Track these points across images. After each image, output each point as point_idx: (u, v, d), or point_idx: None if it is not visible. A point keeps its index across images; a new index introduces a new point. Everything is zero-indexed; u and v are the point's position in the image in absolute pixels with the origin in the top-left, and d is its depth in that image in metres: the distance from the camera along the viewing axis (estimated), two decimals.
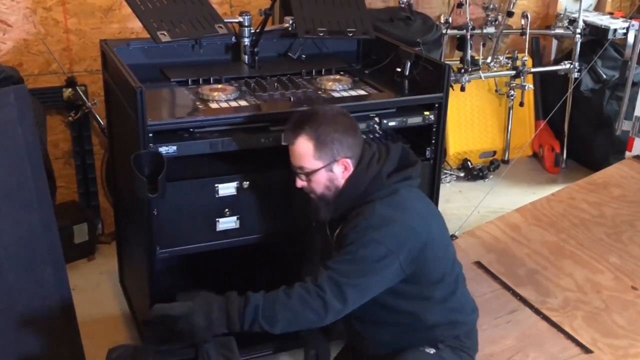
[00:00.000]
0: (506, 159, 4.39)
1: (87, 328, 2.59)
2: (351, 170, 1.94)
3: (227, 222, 2.26)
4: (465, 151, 4.32)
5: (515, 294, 2.81)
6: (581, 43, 4.13)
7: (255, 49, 2.64)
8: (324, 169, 1.93)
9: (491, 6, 3.96)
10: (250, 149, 2.24)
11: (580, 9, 4.10)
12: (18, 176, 2.01)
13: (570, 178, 4.10)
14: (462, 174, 4.24)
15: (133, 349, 1.96)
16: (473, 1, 3.99)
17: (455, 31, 3.96)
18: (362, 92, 2.49)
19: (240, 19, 2.65)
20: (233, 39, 2.68)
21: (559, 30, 4.27)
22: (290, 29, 2.73)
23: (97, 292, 3.04)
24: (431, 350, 2.01)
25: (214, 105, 2.31)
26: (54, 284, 2.12)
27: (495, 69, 4.02)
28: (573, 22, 4.17)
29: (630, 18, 4.23)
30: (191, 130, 2.19)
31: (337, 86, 2.50)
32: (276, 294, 1.84)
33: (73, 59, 3.24)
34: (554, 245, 3.11)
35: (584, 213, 3.31)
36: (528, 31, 4.02)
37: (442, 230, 2.07)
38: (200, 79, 2.51)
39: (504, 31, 4.03)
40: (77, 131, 3.31)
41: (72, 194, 3.41)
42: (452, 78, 3.66)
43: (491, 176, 4.25)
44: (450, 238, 2.76)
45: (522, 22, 4.03)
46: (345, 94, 2.47)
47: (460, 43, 4.08)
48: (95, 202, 3.43)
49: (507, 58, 4.03)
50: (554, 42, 4.49)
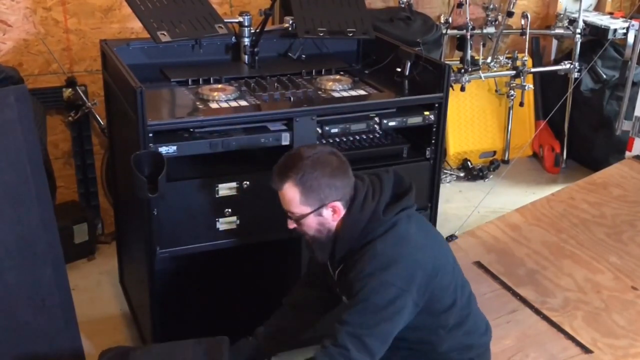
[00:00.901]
0: (506, 159, 4.39)
1: (87, 328, 2.60)
2: (342, 212, 1.87)
3: (227, 222, 2.26)
4: (465, 151, 4.32)
5: (515, 294, 2.81)
6: (581, 43, 4.13)
7: (255, 49, 2.64)
8: (313, 214, 1.86)
9: (491, 6, 3.96)
10: (250, 149, 2.24)
11: (580, 9, 4.10)
12: (18, 176, 2.01)
13: (570, 178, 4.10)
14: (462, 174, 4.24)
15: (122, 353, 1.96)
16: (473, 1, 3.98)
17: (455, 31, 3.96)
18: (362, 92, 2.49)
19: (240, 19, 2.65)
20: (233, 39, 2.68)
21: (559, 30, 4.27)
22: (290, 29, 2.72)
23: (97, 292, 3.04)
24: None
25: (214, 105, 2.31)
26: (54, 284, 2.12)
27: (495, 69, 4.02)
28: (573, 22, 4.17)
29: (630, 18, 4.23)
30: (191, 130, 2.19)
31: (337, 86, 2.50)
32: None
33: (73, 59, 3.24)
34: (554, 245, 3.11)
35: (584, 213, 3.31)
36: (528, 31, 4.02)
37: (446, 254, 2.00)
38: (200, 79, 2.51)
39: (504, 31, 4.03)
40: (77, 131, 3.31)
41: (72, 194, 3.41)
42: (452, 78, 3.66)
43: (491, 176, 4.25)
44: (452, 238, 2.77)
45: (522, 22, 4.03)
46: (345, 94, 2.47)
47: (460, 43, 4.08)
48: (95, 202, 3.43)
49: (507, 58, 4.03)
50: (554, 42, 4.49)
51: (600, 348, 2.51)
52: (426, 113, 2.43)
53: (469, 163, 4.26)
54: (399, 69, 2.57)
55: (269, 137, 2.22)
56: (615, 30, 4.10)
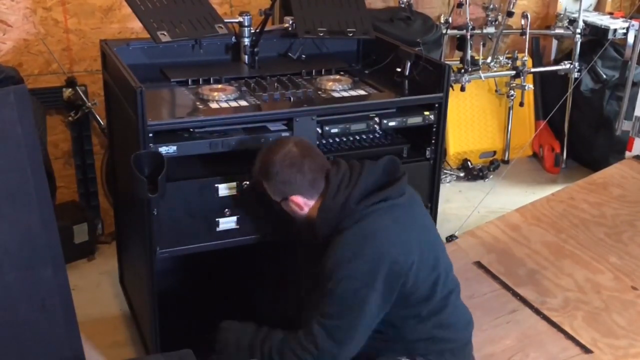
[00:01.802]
0: (506, 159, 4.39)
1: (87, 328, 2.60)
2: (306, 203, 1.99)
3: (227, 222, 2.26)
4: (465, 151, 4.32)
5: (515, 294, 2.82)
6: (581, 43, 4.13)
7: (255, 49, 2.64)
8: (282, 203, 2.04)
9: (491, 6, 3.96)
10: (250, 149, 2.24)
11: (580, 9, 4.10)
12: (18, 176, 2.01)
13: (570, 178, 4.10)
14: (462, 174, 4.24)
15: None
16: (473, 1, 3.98)
17: (455, 31, 3.96)
18: (362, 92, 2.49)
19: (240, 19, 2.65)
20: (233, 39, 2.68)
21: (559, 30, 4.27)
22: (290, 29, 2.72)
23: (97, 292, 3.04)
24: None
25: (214, 105, 2.30)
26: (54, 284, 2.11)
27: (495, 69, 4.02)
28: (573, 22, 4.17)
29: (630, 18, 4.23)
30: (191, 130, 2.19)
31: (337, 86, 2.49)
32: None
33: (73, 59, 3.24)
34: (554, 245, 3.12)
35: (584, 213, 3.31)
36: (528, 31, 4.02)
37: (428, 248, 1.99)
38: (200, 79, 2.51)
39: (504, 31, 4.03)
40: (77, 131, 3.31)
41: (72, 194, 3.41)
42: (452, 78, 3.66)
43: (491, 176, 4.25)
44: (452, 238, 2.77)
45: (522, 22, 4.03)
46: (345, 94, 2.47)
47: (460, 43, 4.08)
48: (95, 202, 3.43)
49: (507, 58, 4.03)
50: (554, 42, 4.49)
51: (600, 348, 2.51)
52: (426, 113, 2.43)
53: (469, 163, 4.26)
54: (399, 69, 2.57)
55: (269, 137, 2.22)
56: (615, 30, 4.10)
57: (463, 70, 3.81)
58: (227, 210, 2.25)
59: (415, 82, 2.53)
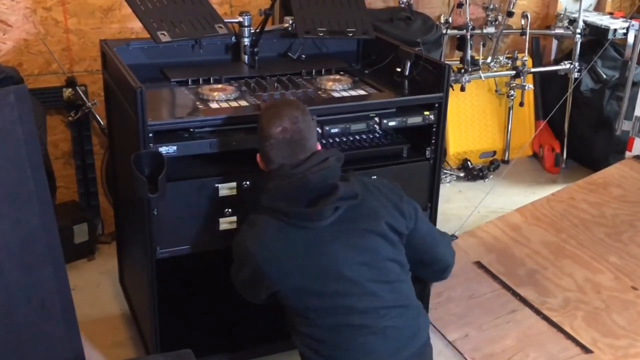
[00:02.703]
0: (506, 159, 4.39)
1: (87, 328, 2.60)
2: (263, 165, 2.07)
3: (227, 222, 2.26)
4: (465, 151, 4.32)
5: (515, 294, 2.82)
6: (581, 43, 4.13)
7: (255, 49, 2.64)
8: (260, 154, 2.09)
9: (491, 6, 3.96)
10: (250, 148, 2.24)
11: (580, 9, 4.10)
12: (18, 176, 2.01)
13: (570, 178, 4.10)
14: (462, 174, 4.24)
15: None
16: (473, 1, 3.98)
17: (455, 31, 3.96)
18: (362, 92, 2.49)
19: (240, 19, 2.65)
20: (233, 39, 2.68)
21: (559, 30, 4.27)
22: (290, 29, 2.72)
23: (97, 292, 3.04)
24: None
25: (214, 105, 2.30)
26: (54, 284, 2.11)
27: (495, 69, 4.02)
28: (573, 22, 4.17)
29: (630, 18, 4.23)
30: (191, 130, 2.19)
31: (337, 86, 2.49)
32: None
33: (73, 59, 3.24)
34: (554, 245, 3.12)
35: (584, 213, 3.31)
36: (528, 31, 4.02)
37: (320, 280, 1.96)
38: (200, 79, 2.51)
39: (504, 31, 4.03)
40: (77, 131, 3.31)
41: (72, 194, 3.41)
42: (452, 78, 3.66)
43: (491, 176, 4.25)
44: (452, 238, 2.76)
45: (522, 22, 4.03)
46: (345, 93, 2.47)
47: (460, 43, 4.08)
48: (95, 202, 3.43)
49: (507, 58, 4.03)
50: (554, 42, 4.49)
51: (600, 348, 2.51)
52: (426, 113, 2.43)
53: (469, 163, 4.26)
54: (398, 69, 2.57)
55: None
56: (615, 30, 4.10)
57: (463, 70, 3.81)
58: (227, 210, 2.25)
59: (415, 82, 2.53)
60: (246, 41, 2.67)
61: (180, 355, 1.96)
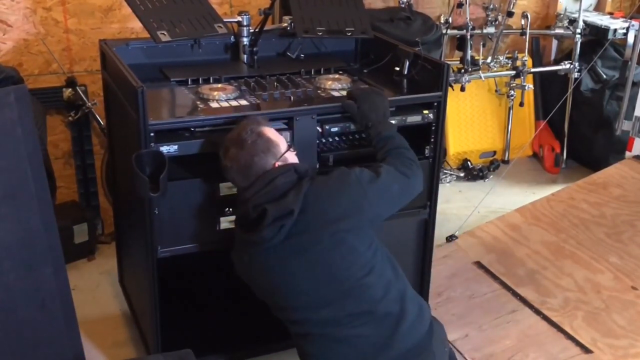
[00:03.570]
0: (506, 159, 4.39)
1: (87, 328, 2.60)
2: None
3: (228, 222, 2.26)
4: (465, 151, 4.32)
5: (515, 294, 2.82)
6: (581, 43, 4.13)
7: (255, 49, 2.64)
8: None
9: (491, 6, 3.96)
10: None
11: (580, 9, 4.10)
12: (18, 176, 2.01)
13: (570, 178, 4.10)
14: (462, 174, 4.24)
15: None
16: (473, 1, 3.98)
17: (455, 31, 3.96)
18: None
19: (240, 18, 2.65)
20: (232, 38, 2.68)
21: (559, 30, 4.27)
22: (289, 28, 2.73)
23: (97, 292, 3.04)
24: None
25: (214, 105, 2.30)
26: (54, 284, 2.11)
27: (495, 69, 4.02)
28: (573, 22, 4.17)
29: (630, 18, 4.23)
30: (192, 129, 2.19)
31: (336, 85, 2.49)
32: None
33: (73, 59, 3.24)
34: (554, 245, 3.12)
35: (584, 213, 3.31)
36: (528, 31, 4.02)
37: (270, 294, 2.08)
38: (200, 79, 2.51)
39: (504, 31, 4.03)
40: (77, 131, 3.31)
41: (72, 194, 3.41)
42: (452, 78, 3.67)
43: (491, 176, 4.25)
44: (452, 238, 2.76)
45: (522, 22, 4.03)
46: (344, 92, 2.46)
47: (460, 43, 4.08)
48: (95, 202, 3.43)
49: (507, 58, 4.03)
50: (554, 42, 4.49)
51: (600, 348, 2.51)
52: (425, 112, 2.43)
53: (469, 163, 4.26)
54: (397, 68, 2.57)
55: None
56: (615, 30, 4.10)
57: (463, 70, 3.81)
58: (228, 209, 2.25)
59: (414, 81, 2.53)
60: (245, 41, 2.67)
61: (180, 355, 1.97)
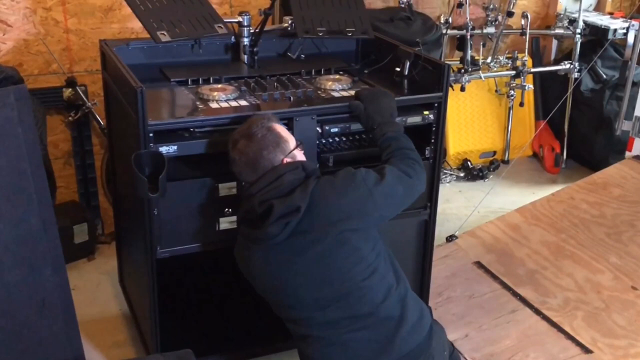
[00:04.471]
0: (506, 159, 4.39)
1: (87, 328, 2.60)
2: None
3: (227, 222, 2.26)
4: (465, 151, 4.32)
5: (515, 294, 2.82)
6: (581, 43, 4.13)
7: (255, 49, 2.64)
8: None
9: (491, 6, 3.96)
10: None
11: (580, 9, 4.10)
12: (18, 176, 2.01)
13: (570, 178, 4.10)
14: (462, 174, 4.24)
15: None
16: (473, 1, 3.98)
17: (455, 31, 3.96)
18: None
19: (240, 18, 2.65)
20: (232, 38, 2.68)
21: (559, 30, 4.27)
22: (289, 28, 2.73)
23: (97, 292, 3.04)
24: None
25: (214, 105, 2.30)
26: (54, 284, 2.11)
27: (495, 69, 4.02)
28: (573, 22, 4.17)
29: (630, 18, 4.23)
30: (192, 130, 2.19)
31: (337, 86, 2.49)
32: None
33: (73, 59, 3.24)
34: (554, 245, 3.12)
35: (584, 213, 3.31)
36: (528, 31, 4.02)
37: (270, 292, 2.06)
38: (200, 79, 2.51)
39: (504, 31, 4.03)
40: (77, 131, 3.31)
41: (72, 194, 3.41)
42: (452, 78, 3.66)
43: (491, 176, 4.25)
44: (452, 238, 2.77)
45: (522, 22, 4.03)
46: (345, 93, 2.46)
47: (460, 43, 4.08)
48: (95, 202, 3.43)
49: (507, 58, 4.03)
50: (554, 42, 4.49)
51: (600, 348, 2.51)
52: (425, 112, 2.43)
53: (469, 163, 4.26)
54: (398, 69, 2.57)
55: None
56: (615, 30, 4.10)
57: (463, 70, 3.81)
58: (227, 209, 2.25)
59: (414, 81, 2.53)
60: (246, 41, 2.67)
61: (180, 355, 1.97)
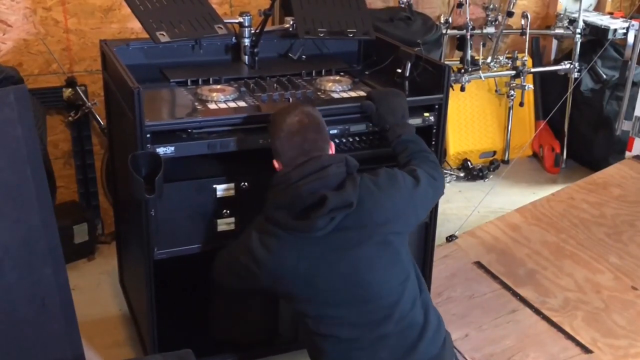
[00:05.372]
0: (506, 159, 4.39)
1: (87, 328, 2.60)
2: (278, 167, 2.03)
3: (225, 223, 2.26)
4: (465, 151, 4.32)
5: (515, 294, 2.82)
6: (581, 43, 4.13)
7: (255, 50, 2.64)
8: (274, 158, 2.05)
9: (491, 6, 3.96)
10: (248, 149, 2.24)
11: (580, 9, 4.10)
12: (18, 176, 2.01)
13: (570, 178, 4.10)
14: (462, 174, 4.24)
15: None
16: (473, 1, 3.98)
17: (455, 31, 3.96)
18: (362, 93, 2.48)
19: (240, 19, 2.65)
20: (233, 39, 2.68)
21: (559, 30, 4.27)
22: (290, 29, 2.72)
23: (97, 292, 3.04)
24: None
25: (212, 106, 2.30)
26: (54, 284, 2.11)
27: (495, 69, 4.02)
28: (573, 22, 4.17)
29: (630, 18, 4.23)
30: (189, 130, 2.18)
31: (337, 87, 2.49)
32: None
33: (73, 59, 3.24)
34: (554, 245, 3.12)
35: (584, 213, 3.31)
36: (528, 31, 4.02)
37: (301, 286, 1.97)
38: (200, 80, 2.51)
39: (504, 31, 4.03)
40: (77, 131, 3.31)
41: (72, 194, 3.41)
42: (452, 78, 3.66)
43: (491, 176, 4.25)
44: (452, 238, 2.77)
45: (522, 22, 4.03)
46: (345, 94, 2.47)
47: (460, 43, 4.08)
48: (95, 202, 3.43)
49: (507, 58, 4.03)
50: (554, 42, 4.49)
51: (600, 348, 2.51)
52: (426, 114, 2.43)
53: (469, 163, 4.26)
54: (399, 70, 2.57)
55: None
56: (615, 30, 4.10)
57: (463, 70, 3.81)
58: (225, 211, 2.25)
59: (415, 83, 2.53)
60: (246, 41, 2.67)
61: (180, 355, 1.97)
